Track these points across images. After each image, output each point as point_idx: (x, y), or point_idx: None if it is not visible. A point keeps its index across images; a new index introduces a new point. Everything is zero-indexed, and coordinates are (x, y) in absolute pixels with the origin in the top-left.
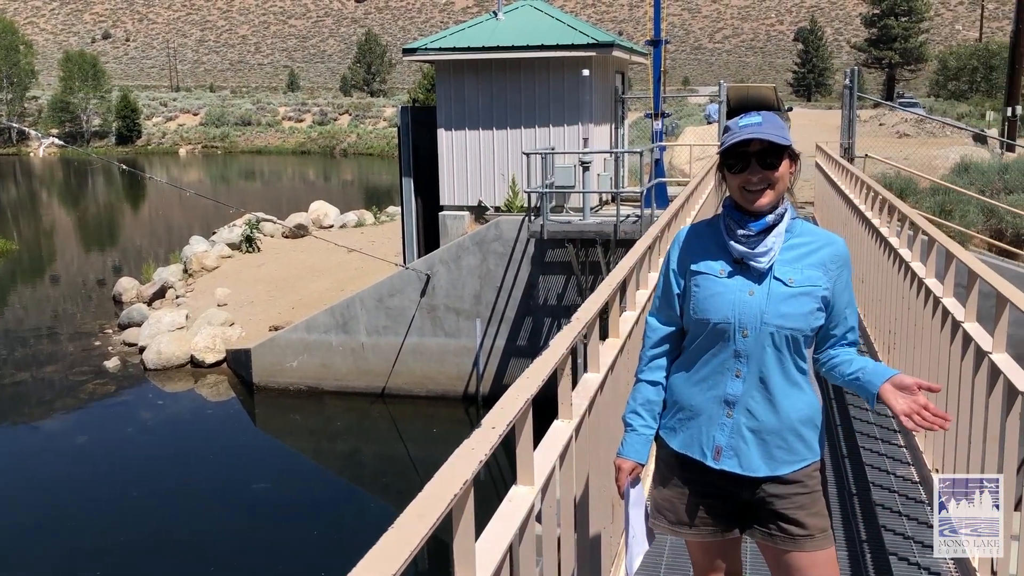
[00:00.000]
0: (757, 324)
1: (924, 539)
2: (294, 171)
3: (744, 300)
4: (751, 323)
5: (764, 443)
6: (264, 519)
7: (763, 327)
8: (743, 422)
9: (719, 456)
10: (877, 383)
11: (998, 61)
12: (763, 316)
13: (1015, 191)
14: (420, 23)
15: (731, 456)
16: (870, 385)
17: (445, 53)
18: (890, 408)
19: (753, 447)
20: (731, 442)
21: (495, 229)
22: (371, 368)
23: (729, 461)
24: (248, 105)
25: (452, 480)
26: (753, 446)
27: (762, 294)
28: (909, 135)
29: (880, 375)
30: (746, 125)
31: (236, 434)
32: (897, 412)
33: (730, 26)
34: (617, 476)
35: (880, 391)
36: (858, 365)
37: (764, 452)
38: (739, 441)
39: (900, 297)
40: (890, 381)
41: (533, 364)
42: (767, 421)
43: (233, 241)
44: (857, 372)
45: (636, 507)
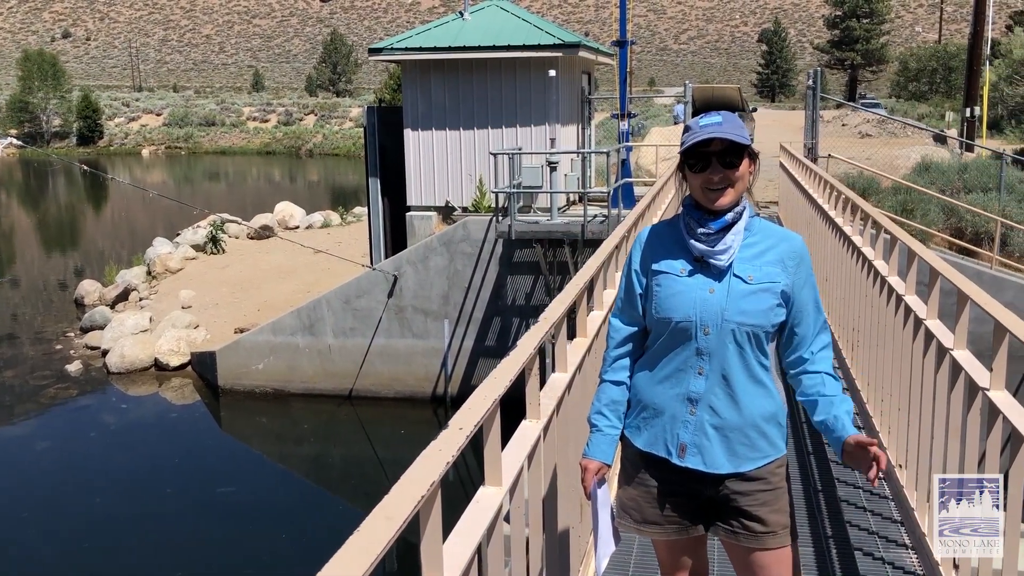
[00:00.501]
0: (718, 321)
1: (888, 534)
2: (259, 172)
3: (705, 298)
4: (712, 321)
5: (727, 440)
6: (230, 523)
7: (724, 324)
8: (706, 419)
9: (683, 454)
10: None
11: (957, 63)
12: (724, 313)
13: (974, 190)
14: (386, 23)
15: (695, 454)
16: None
17: (411, 53)
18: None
19: (716, 444)
20: (695, 439)
21: (463, 229)
22: (338, 370)
23: (693, 459)
24: (212, 105)
25: (419, 481)
26: (716, 443)
27: (722, 292)
28: (871, 135)
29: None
30: (706, 125)
31: (201, 438)
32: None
33: (695, 27)
34: (583, 477)
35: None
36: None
37: (727, 449)
38: (702, 438)
39: (863, 295)
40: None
41: (501, 364)
42: (730, 418)
43: (197, 243)
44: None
45: (603, 508)
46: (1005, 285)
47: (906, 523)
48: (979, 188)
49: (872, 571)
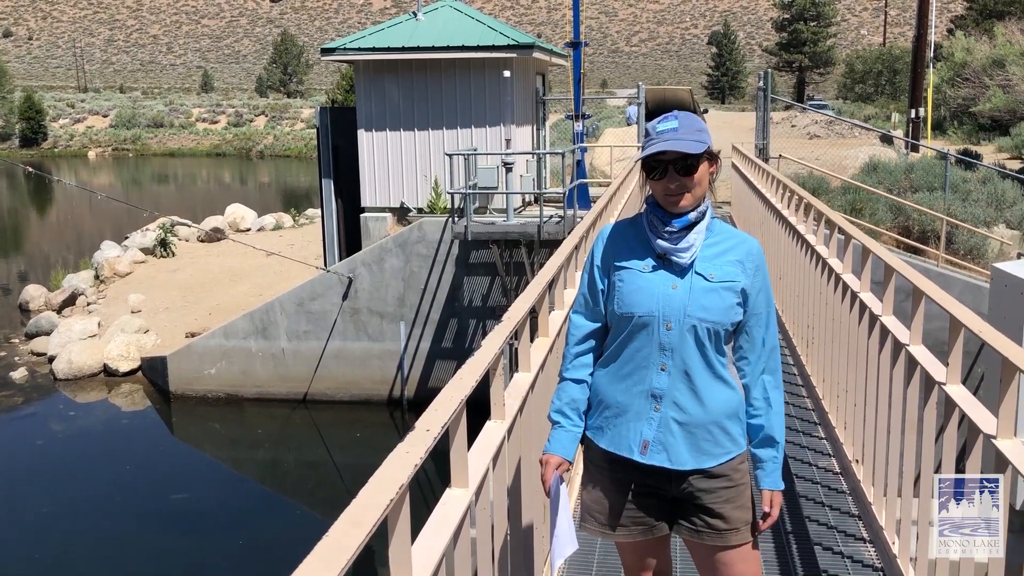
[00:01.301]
0: (680, 317)
1: (847, 528)
2: (209, 174)
3: (668, 294)
4: (675, 316)
5: (692, 436)
6: (184, 531)
7: (686, 320)
8: (671, 415)
9: (647, 451)
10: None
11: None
12: (686, 309)
13: (920, 190)
14: (337, 23)
15: (659, 451)
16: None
17: (364, 53)
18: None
19: (681, 440)
20: (659, 436)
21: (418, 231)
22: (292, 374)
23: (658, 456)
24: (160, 106)
25: (388, 485)
26: (681, 439)
27: (685, 288)
28: (820, 136)
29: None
30: (663, 131)
31: (152, 444)
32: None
33: (646, 29)
34: (544, 472)
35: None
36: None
37: (692, 445)
38: (667, 435)
39: (818, 293)
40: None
41: (466, 365)
42: (694, 414)
43: (147, 246)
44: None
45: (562, 506)
46: (951, 282)
47: (864, 517)
48: (925, 187)
49: (831, 565)
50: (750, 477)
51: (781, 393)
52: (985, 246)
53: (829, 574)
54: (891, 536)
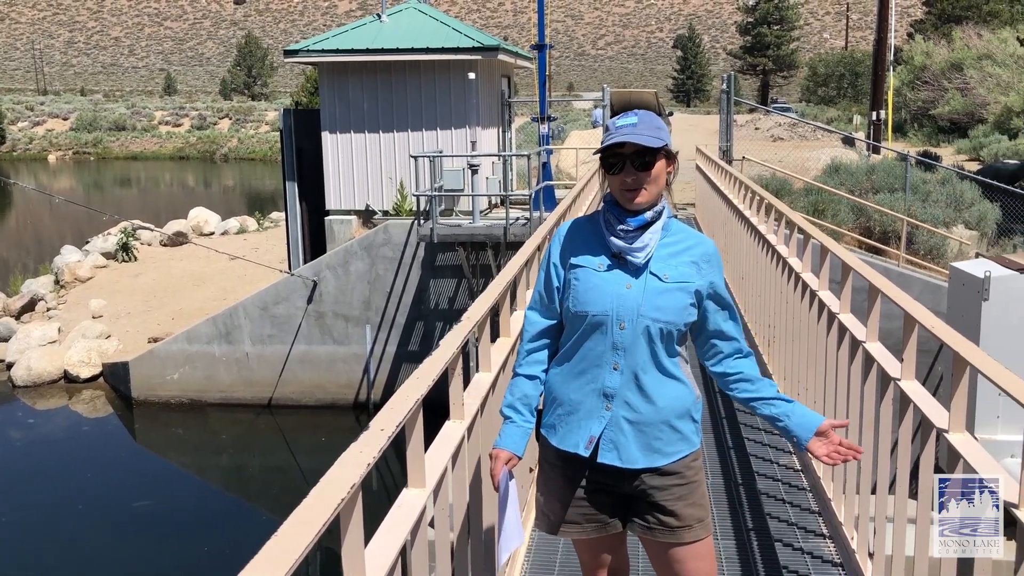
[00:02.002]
0: (634, 317)
1: (807, 525)
2: (172, 177)
3: (622, 293)
4: (628, 316)
5: (643, 435)
6: (147, 538)
7: (639, 319)
8: (622, 414)
9: (599, 449)
10: (804, 437)
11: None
12: (640, 309)
13: (881, 191)
14: (302, 26)
15: (611, 449)
16: (798, 439)
17: (328, 55)
18: (812, 454)
19: (632, 439)
20: (610, 435)
21: (384, 233)
22: (257, 378)
23: (609, 454)
24: (122, 109)
25: (339, 484)
26: (632, 438)
27: (639, 288)
28: (783, 138)
29: (806, 427)
30: (622, 126)
31: (114, 451)
32: (820, 459)
33: (612, 33)
34: (493, 466)
35: (808, 447)
36: (782, 408)
37: (643, 444)
38: (618, 434)
39: (779, 292)
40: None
41: (423, 364)
42: (645, 413)
43: (108, 250)
44: (781, 417)
45: (510, 500)
46: (911, 282)
47: (824, 513)
48: (886, 189)
49: (792, 561)
50: (703, 474)
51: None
52: (944, 246)
53: (789, 570)
54: (850, 531)
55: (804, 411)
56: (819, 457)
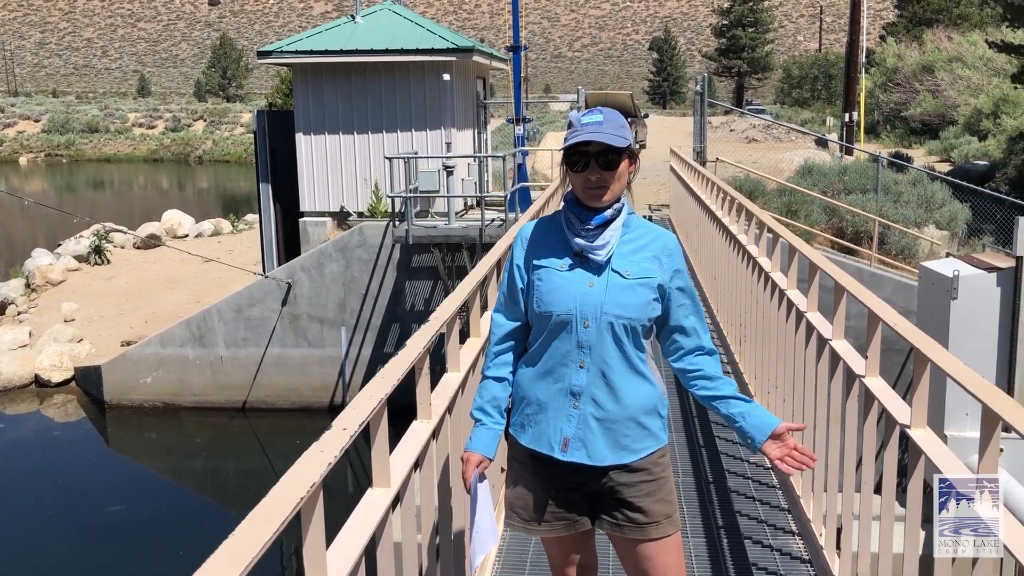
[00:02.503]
0: (597, 315)
1: (776, 522)
2: (146, 179)
3: (585, 291)
4: (592, 314)
5: (611, 432)
6: (121, 543)
7: (603, 317)
8: (589, 412)
9: (567, 448)
10: (759, 439)
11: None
12: (603, 307)
13: (854, 191)
14: (277, 27)
15: (579, 447)
16: (753, 440)
17: (301, 56)
18: (767, 456)
19: (600, 437)
20: (578, 433)
21: (359, 235)
22: (231, 382)
23: (577, 452)
24: (95, 111)
25: (299, 483)
26: (600, 436)
27: (601, 285)
28: (758, 140)
29: (761, 429)
30: (587, 124)
31: (87, 455)
32: (774, 462)
33: (588, 35)
34: (464, 469)
35: (762, 449)
36: (737, 408)
37: (611, 441)
38: (586, 431)
39: (749, 291)
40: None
41: (389, 363)
42: (612, 410)
43: (80, 253)
44: (737, 417)
45: (483, 502)
46: (884, 282)
47: (793, 511)
48: (858, 189)
49: (761, 558)
50: (671, 470)
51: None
52: (916, 246)
53: (759, 567)
54: (818, 528)
55: (761, 412)
56: (773, 461)
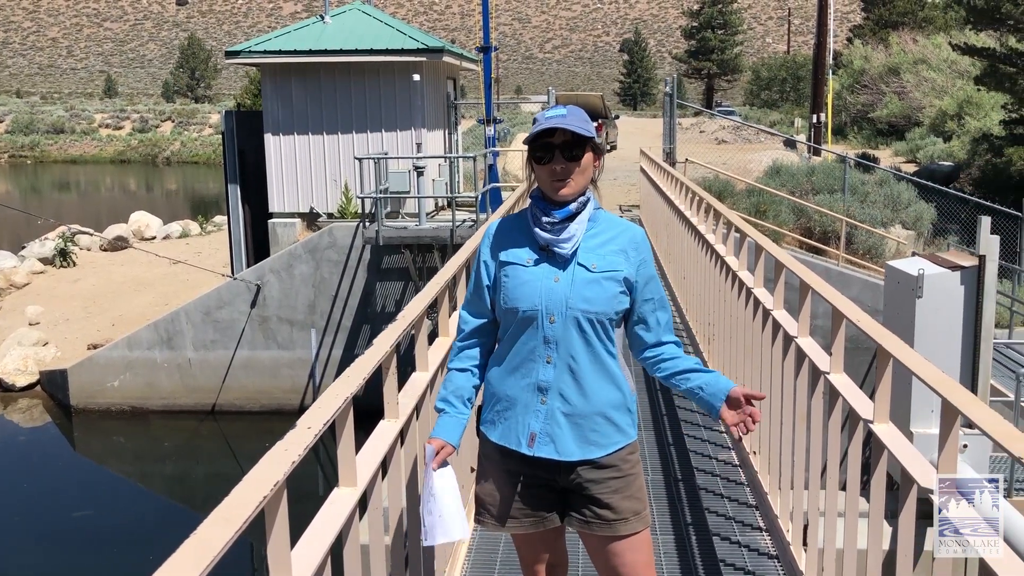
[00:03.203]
0: (563, 309)
1: (744, 519)
2: (113, 181)
3: (550, 287)
4: (557, 309)
5: (578, 427)
6: (88, 549)
7: (568, 312)
8: (557, 407)
9: (535, 443)
10: (717, 405)
11: (804, 73)
12: (568, 301)
13: (821, 192)
14: (246, 27)
15: (547, 442)
16: (711, 407)
17: (270, 56)
18: (724, 422)
19: (567, 432)
20: (546, 428)
21: (328, 236)
22: (199, 384)
23: (545, 447)
24: (61, 112)
25: (262, 482)
26: (567, 431)
27: (567, 280)
28: (727, 141)
29: (718, 396)
30: (551, 116)
31: (53, 460)
32: (729, 425)
33: (559, 36)
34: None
35: (721, 415)
36: (696, 381)
37: (578, 436)
38: (554, 426)
39: (718, 290)
40: (726, 402)
41: (355, 362)
42: (579, 405)
43: (45, 255)
44: (697, 390)
45: (450, 491)
46: (851, 281)
47: (760, 507)
48: (826, 190)
49: (729, 555)
50: (641, 467)
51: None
52: (883, 246)
53: (727, 564)
54: (786, 524)
55: (719, 380)
56: (731, 426)
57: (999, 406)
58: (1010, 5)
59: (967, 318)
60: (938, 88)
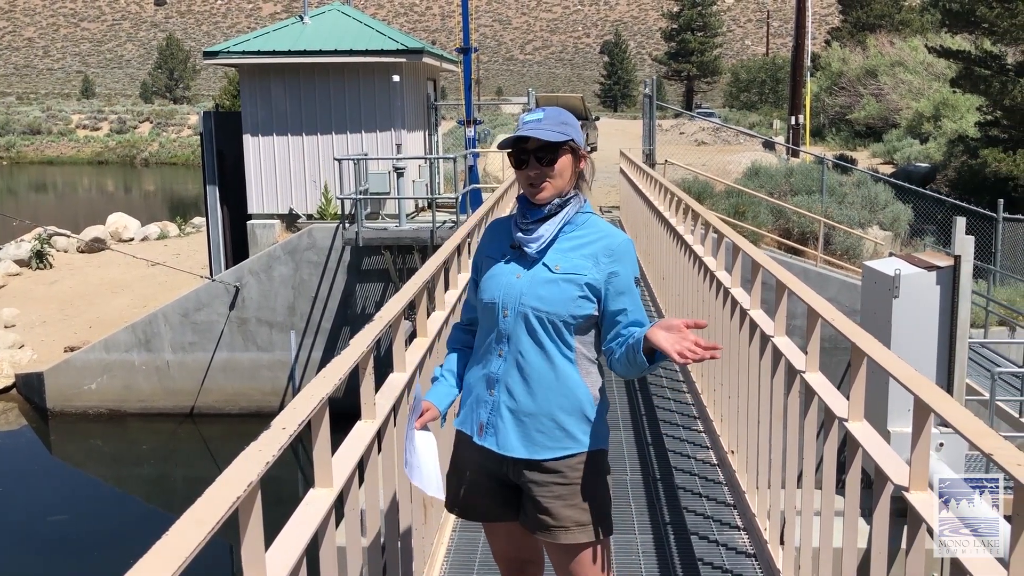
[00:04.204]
0: (515, 304)
1: (722, 518)
2: (91, 182)
3: (511, 282)
4: (511, 303)
5: (522, 424)
6: (64, 554)
7: (520, 307)
8: (503, 400)
9: (481, 433)
10: (644, 331)
11: (783, 75)
12: (521, 297)
13: (800, 193)
14: (225, 28)
15: (491, 434)
16: (639, 335)
17: (249, 57)
18: (660, 349)
19: (510, 427)
20: (491, 419)
21: (308, 237)
22: (178, 387)
23: (488, 438)
24: (37, 112)
25: (236, 482)
26: (510, 426)
27: (527, 277)
28: (707, 143)
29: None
30: (528, 122)
31: (28, 464)
32: (666, 350)
33: (540, 38)
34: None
35: (648, 333)
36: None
37: (522, 434)
38: (498, 419)
39: (696, 290)
40: (657, 324)
41: (331, 363)
42: (524, 403)
43: (22, 257)
44: (628, 337)
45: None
46: (829, 281)
47: (738, 506)
48: (804, 191)
49: (707, 554)
50: (599, 480)
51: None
52: (860, 246)
53: (705, 563)
54: (763, 523)
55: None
56: (667, 351)
57: (975, 405)
58: (985, 8)
59: (943, 318)
60: (915, 90)
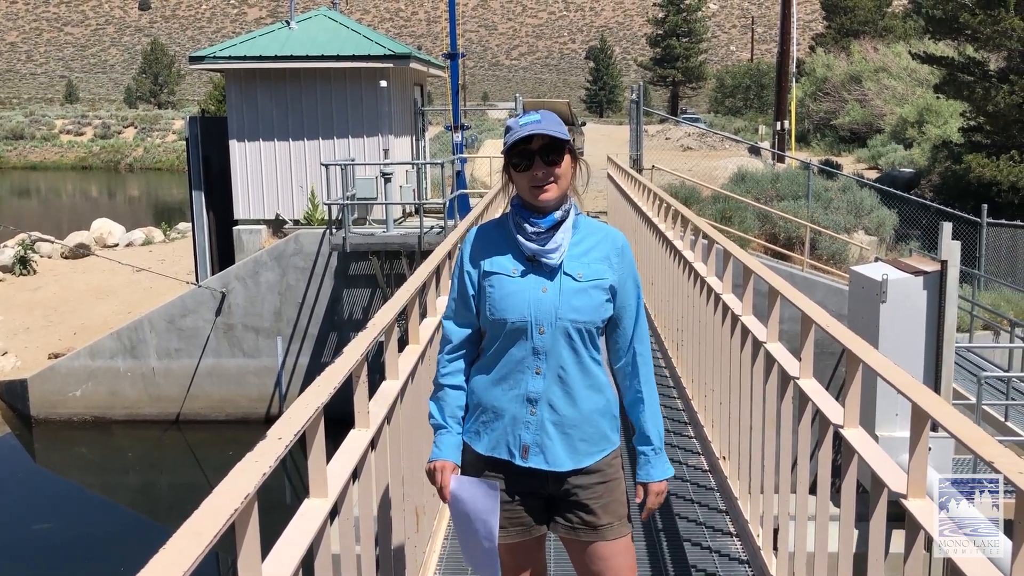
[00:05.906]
0: (552, 320)
1: (714, 524)
2: (75, 188)
3: (539, 298)
4: (547, 320)
5: (567, 436)
6: (49, 562)
7: (558, 322)
8: (547, 417)
9: (526, 455)
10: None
11: (768, 80)
12: (557, 312)
13: (786, 198)
14: (211, 33)
15: (537, 453)
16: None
17: (234, 62)
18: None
19: (558, 442)
20: (536, 439)
21: (295, 243)
22: (163, 394)
23: (535, 458)
24: (20, 117)
25: (233, 494)
26: (558, 441)
27: (555, 290)
28: (693, 148)
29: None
30: (526, 123)
31: (12, 472)
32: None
33: (526, 43)
34: (441, 479)
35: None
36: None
37: (568, 446)
38: (544, 437)
39: (685, 296)
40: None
41: (325, 371)
42: (568, 415)
43: (5, 264)
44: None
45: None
46: (816, 286)
47: (731, 512)
48: (790, 196)
49: (700, 560)
50: (623, 472)
51: (653, 385)
52: (846, 251)
53: (698, 569)
54: (756, 529)
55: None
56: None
57: (961, 409)
58: (968, 15)
59: (929, 322)
60: (899, 96)
